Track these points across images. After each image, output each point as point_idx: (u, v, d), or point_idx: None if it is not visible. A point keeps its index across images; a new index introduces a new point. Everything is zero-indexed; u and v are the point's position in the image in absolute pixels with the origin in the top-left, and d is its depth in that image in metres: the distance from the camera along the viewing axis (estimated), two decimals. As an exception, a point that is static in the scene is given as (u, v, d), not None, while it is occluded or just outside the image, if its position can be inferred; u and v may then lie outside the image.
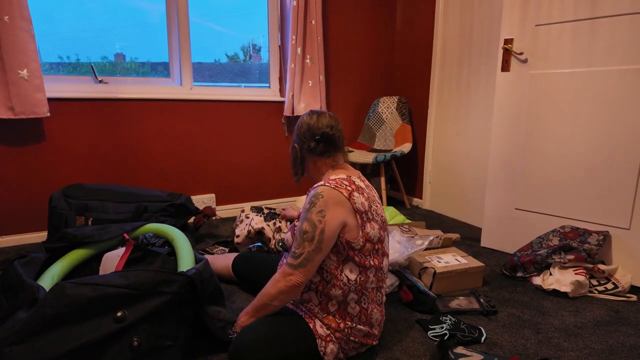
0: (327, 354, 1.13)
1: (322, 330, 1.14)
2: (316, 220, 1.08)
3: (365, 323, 1.18)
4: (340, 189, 1.12)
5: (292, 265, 1.10)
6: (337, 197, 1.11)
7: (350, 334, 1.16)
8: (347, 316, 1.16)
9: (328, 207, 1.09)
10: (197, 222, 2.25)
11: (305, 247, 1.09)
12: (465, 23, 2.64)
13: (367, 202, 1.16)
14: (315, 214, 1.09)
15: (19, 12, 1.94)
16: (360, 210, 1.14)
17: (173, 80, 2.60)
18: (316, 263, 1.10)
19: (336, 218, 1.09)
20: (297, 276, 1.09)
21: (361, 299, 1.17)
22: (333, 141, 1.25)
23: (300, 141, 1.27)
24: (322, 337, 1.13)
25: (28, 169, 2.18)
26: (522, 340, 1.37)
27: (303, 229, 1.10)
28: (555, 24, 1.88)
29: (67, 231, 1.52)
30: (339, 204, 1.10)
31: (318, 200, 1.10)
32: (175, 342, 1.13)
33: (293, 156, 1.32)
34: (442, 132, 2.92)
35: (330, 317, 1.16)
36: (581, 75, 1.84)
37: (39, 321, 0.98)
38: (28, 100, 2.02)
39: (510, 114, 2.08)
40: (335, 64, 3.08)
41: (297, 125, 1.29)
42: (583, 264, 1.74)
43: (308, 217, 1.10)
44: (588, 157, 1.86)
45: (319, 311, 1.16)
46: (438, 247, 2.06)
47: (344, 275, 1.14)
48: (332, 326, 1.15)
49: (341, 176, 1.19)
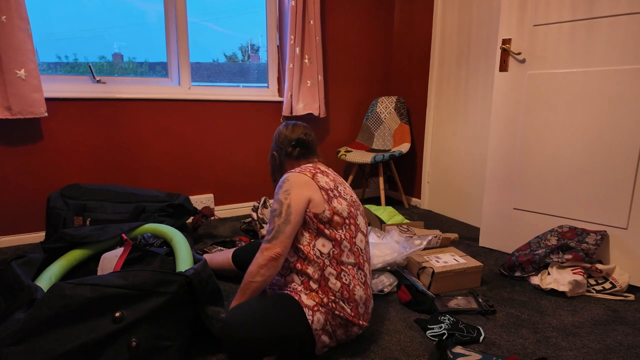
0: (314, 322, 1.17)
1: (309, 301, 1.19)
2: (282, 198, 1.22)
3: (348, 300, 1.21)
4: (304, 172, 1.28)
5: (267, 240, 1.20)
6: (302, 179, 1.26)
7: (334, 308, 1.19)
8: (330, 291, 1.20)
9: (293, 188, 1.23)
10: (196, 222, 2.25)
11: (275, 222, 1.20)
12: (464, 23, 2.65)
13: (332, 182, 1.29)
14: (282, 193, 1.23)
15: (16, 12, 1.93)
16: (325, 187, 1.26)
17: (171, 80, 2.60)
18: (288, 234, 1.19)
19: (301, 195, 1.22)
20: (272, 249, 1.18)
21: (341, 275, 1.21)
22: (307, 145, 1.43)
23: (279, 148, 1.45)
24: (309, 306, 1.18)
25: (26, 169, 2.17)
26: (521, 339, 1.37)
27: (273, 208, 1.24)
28: (553, 24, 1.89)
29: (65, 231, 1.51)
30: (304, 184, 1.24)
31: (284, 184, 1.25)
32: (174, 342, 1.13)
33: (272, 164, 1.49)
34: (440, 132, 2.92)
35: (314, 293, 1.21)
36: (579, 76, 1.85)
37: (37, 322, 0.98)
38: (25, 100, 2.02)
39: (508, 114, 2.09)
40: (334, 64, 3.08)
41: (275, 136, 1.47)
42: (581, 263, 1.74)
43: (276, 198, 1.24)
44: (586, 157, 1.87)
45: (302, 289, 1.22)
46: (436, 247, 2.07)
47: (317, 249, 1.22)
48: (316, 301, 1.19)
49: (307, 165, 1.35)
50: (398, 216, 2.44)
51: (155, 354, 1.09)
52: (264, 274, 1.19)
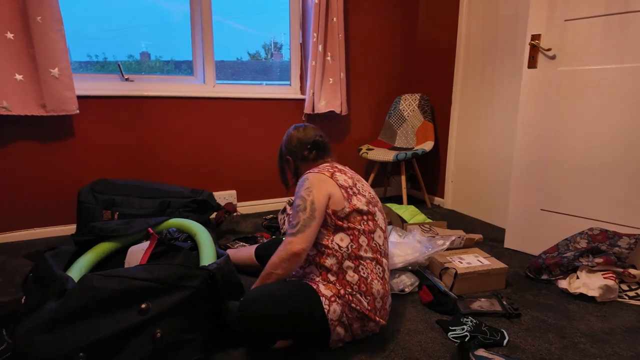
0: (330, 312, 1.17)
1: (327, 291, 1.20)
2: (305, 195, 1.24)
3: (365, 293, 1.21)
4: (322, 171, 1.30)
5: (291, 234, 1.21)
6: (321, 177, 1.28)
7: (351, 300, 1.19)
8: (347, 284, 1.21)
9: (314, 186, 1.25)
10: (219, 218, 2.28)
11: (300, 216, 1.21)
12: (489, 19, 2.58)
13: (350, 180, 1.31)
14: (304, 190, 1.25)
15: (50, 13, 2.01)
16: (344, 185, 1.28)
17: (196, 78, 2.65)
18: (312, 230, 1.21)
19: (322, 192, 1.24)
20: (296, 243, 1.19)
21: (359, 268, 1.22)
22: (324, 146, 1.46)
23: (293, 152, 1.47)
24: (326, 296, 1.19)
25: (58, 164, 2.26)
26: (546, 344, 1.33)
27: (296, 204, 1.25)
28: (585, 18, 1.82)
29: (95, 225, 1.57)
30: (323, 182, 1.27)
31: (304, 182, 1.28)
32: (196, 335, 1.16)
33: (284, 167, 1.52)
34: (465, 130, 2.87)
35: (331, 285, 1.22)
36: (612, 72, 1.77)
37: (67, 312, 1.02)
38: (59, 98, 2.10)
39: (537, 112, 2.02)
40: (356, 61, 3.06)
41: (286, 140, 1.48)
42: (612, 267, 1.68)
43: (299, 195, 1.26)
44: (618, 157, 1.79)
45: (320, 280, 1.23)
46: (460, 248, 2.03)
47: (335, 243, 1.23)
48: (334, 292, 1.20)
49: (325, 165, 1.37)
50: (420, 215, 2.40)
51: (177, 346, 1.11)
52: (285, 268, 1.21)
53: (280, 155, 1.53)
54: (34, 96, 2.07)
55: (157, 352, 1.07)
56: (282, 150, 1.51)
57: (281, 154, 1.52)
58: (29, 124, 2.15)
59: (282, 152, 1.51)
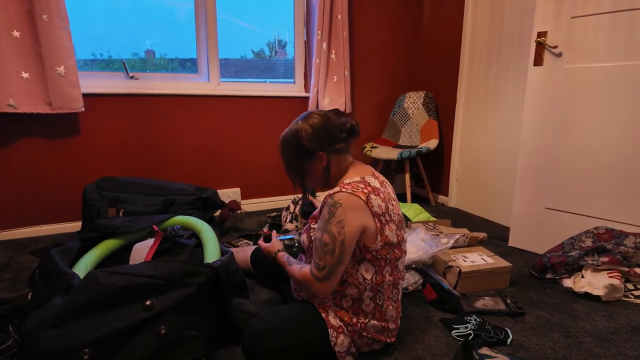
0: (337, 345, 1.14)
1: (335, 321, 1.15)
2: (335, 232, 1.07)
3: (379, 319, 1.18)
4: (357, 193, 1.09)
5: (318, 278, 1.10)
6: (355, 203, 1.08)
7: (362, 329, 1.16)
8: (361, 313, 1.16)
9: (347, 215, 1.07)
10: (223, 216, 2.29)
11: (327, 259, 1.08)
12: (495, 17, 2.56)
13: (383, 204, 1.13)
14: (335, 225, 1.07)
15: (56, 11, 2.01)
16: (378, 213, 1.11)
17: (201, 76, 2.65)
18: (339, 275, 1.11)
19: (355, 225, 1.08)
20: (321, 290, 1.11)
21: (376, 296, 1.17)
22: (355, 131, 1.22)
23: (325, 146, 1.18)
24: (334, 327, 1.14)
25: (64, 161, 2.28)
26: (551, 343, 1.33)
27: (324, 241, 1.08)
28: (592, 15, 1.80)
29: (100, 222, 1.58)
30: (357, 209, 1.08)
31: (337, 210, 1.08)
32: (200, 332, 1.16)
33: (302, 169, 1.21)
34: (469, 128, 2.85)
35: (343, 311, 1.16)
36: (620, 70, 1.76)
37: (73, 308, 1.03)
38: (65, 95, 2.11)
39: (542, 110, 2.01)
40: (361, 59, 3.05)
41: (308, 133, 1.17)
42: (618, 266, 1.66)
43: (328, 229, 1.08)
44: (625, 155, 1.78)
45: (332, 305, 1.17)
46: (464, 246, 2.02)
47: (360, 274, 1.14)
48: (345, 320, 1.16)
49: (355, 179, 1.15)
50: (424, 214, 2.40)
51: (181, 343, 1.12)
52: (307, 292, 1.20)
53: (298, 152, 1.19)
54: (40, 94, 2.09)
55: (161, 348, 1.08)
56: (304, 146, 1.17)
57: (301, 151, 1.18)
58: (35, 121, 2.17)
59: (305, 148, 1.17)
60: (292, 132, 1.19)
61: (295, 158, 1.20)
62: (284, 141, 1.21)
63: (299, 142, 1.18)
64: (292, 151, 1.20)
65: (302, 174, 1.23)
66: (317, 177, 1.22)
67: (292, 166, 1.22)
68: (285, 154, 1.22)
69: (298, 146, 1.18)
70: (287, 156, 1.22)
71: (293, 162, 1.21)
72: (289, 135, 1.20)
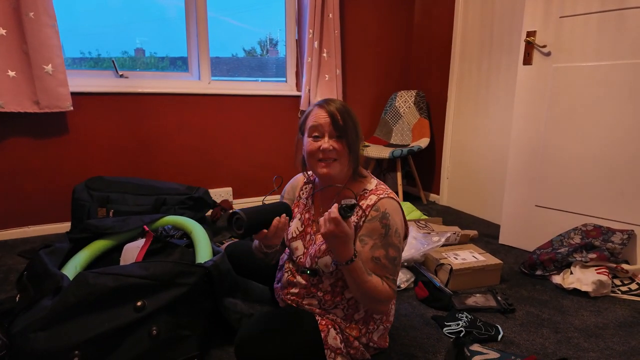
0: None
1: (334, 342, 1.10)
2: (398, 243, 1.06)
3: (384, 321, 1.19)
4: (391, 196, 1.09)
5: (395, 292, 1.08)
6: (395, 207, 1.08)
7: (369, 339, 1.15)
8: (371, 321, 1.16)
9: (396, 222, 1.06)
10: (215, 215, 2.28)
11: (398, 271, 1.08)
12: (486, 15, 2.58)
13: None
14: (394, 237, 1.05)
15: (43, 9, 1.98)
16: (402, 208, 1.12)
17: (191, 74, 2.63)
18: None
19: (403, 228, 1.10)
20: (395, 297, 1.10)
21: None
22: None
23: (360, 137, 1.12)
24: (332, 348, 1.09)
25: (52, 161, 2.24)
26: (540, 339, 1.35)
27: (392, 256, 1.05)
28: (581, 15, 1.82)
29: (90, 222, 1.56)
30: (398, 212, 1.08)
31: (389, 221, 1.05)
32: (193, 332, 1.16)
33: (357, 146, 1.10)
34: (460, 127, 2.87)
35: (353, 324, 1.14)
36: (607, 69, 1.78)
37: (63, 309, 1.01)
38: (52, 94, 2.08)
39: (532, 109, 2.03)
40: (352, 58, 3.06)
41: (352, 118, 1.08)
42: (606, 263, 1.69)
43: (391, 243, 1.05)
44: (613, 153, 1.81)
45: (341, 322, 1.14)
46: (455, 244, 2.04)
47: None
48: (353, 334, 1.13)
49: (373, 181, 1.14)
50: (416, 212, 2.41)
51: (174, 342, 1.11)
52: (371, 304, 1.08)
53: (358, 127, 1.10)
54: (27, 93, 2.05)
55: (153, 349, 1.07)
56: (358, 131, 1.09)
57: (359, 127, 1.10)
58: (23, 121, 2.13)
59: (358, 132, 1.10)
60: (346, 105, 1.09)
61: (357, 130, 1.09)
62: (346, 110, 1.07)
63: (355, 115, 1.09)
64: (356, 122, 1.09)
65: (357, 151, 1.10)
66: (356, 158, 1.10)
67: (354, 138, 1.08)
68: (347, 122, 1.06)
69: (356, 119, 1.09)
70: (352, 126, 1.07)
71: (356, 133, 1.08)
72: (347, 106, 1.09)
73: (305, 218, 1.20)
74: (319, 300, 1.15)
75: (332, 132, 1.06)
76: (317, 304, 1.15)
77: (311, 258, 1.12)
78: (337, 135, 1.06)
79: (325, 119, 1.06)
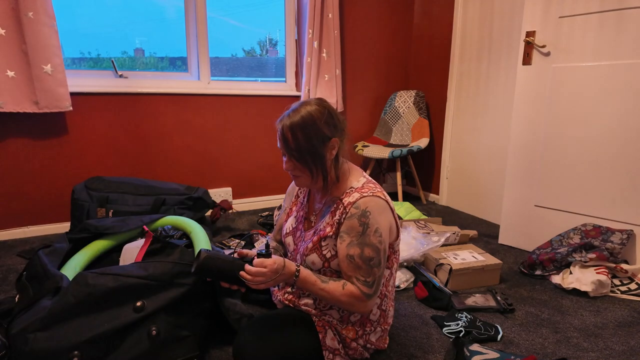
0: None
1: (332, 342, 1.10)
2: (377, 243, 1.01)
3: (382, 323, 1.18)
4: (377, 194, 1.03)
5: (369, 295, 1.02)
6: (381, 205, 1.03)
7: (367, 340, 1.15)
8: (368, 322, 1.15)
9: (378, 221, 1.01)
10: (214, 215, 2.28)
11: (375, 273, 1.02)
12: (485, 15, 2.58)
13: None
14: (373, 236, 1.01)
15: (42, 9, 1.98)
16: (393, 207, 1.09)
17: (191, 74, 2.63)
18: (381, 283, 1.09)
19: (387, 229, 1.04)
20: (371, 304, 1.05)
21: (382, 302, 1.16)
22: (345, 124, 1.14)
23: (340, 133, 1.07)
24: (330, 349, 1.10)
25: (51, 161, 2.24)
26: (540, 339, 1.35)
27: (367, 256, 1.00)
28: (580, 15, 1.83)
29: (89, 222, 1.56)
30: (383, 211, 1.03)
31: (368, 220, 1.00)
32: (192, 332, 1.16)
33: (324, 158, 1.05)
34: (460, 127, 2.88)
35: (350, 326, 1.13)
36: (606, 69, 1.78)
37: (62, 309, 1.01)
38: (52, 94, 2.08)
39: (531, 109, 2.03)
40: (352, 58, 3.06)
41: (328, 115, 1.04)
42: (605, 263, 1.69)
43: (368, 242, 1.00)
44: (612, 154, 1.81)
45: (337, 323, 1.13)
46: (455, 244, 2.04)
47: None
48: (350, 336, 1.13)
49: (361, 179, 1.09)
50: (415, 212, 2.42)
51: (174, 343, 1.11)
52: (342, 308, 1.07)
53: (318, 139, 1.03)
54: (27, 93, 2.05)
55: (153, 349, 1.07)
56: (322, 132, 1.02)
57: (321, 137, 1.03)
58: (22, 121, 2.13)
59: (323, 134, 1.03)
60: (303, 115, 1.03)
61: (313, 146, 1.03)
62: (301, 125, 1.02)
63: (316, 124, 1.02)
64: (310, 136, 1.02)
65: (323, 163, 1.04)
66: (317, 167, 1.05)
67: (308, 157, 1.03)
68: (297, 141, 1.02)
69: (317, 130, 1.02)
70: (303, 143, 1.02)
71: (310, 151, 1.02)
72: (299, 119, 1.02)
73: (299, 215, 1.22)
74: (314, 300, 1.15)
75: (284, 152, 1.06)
76: (313, 304, 1.15)
77: (300, 256, 1.14)
78: (288, 155, 1.05)
79: (279, 137, 1.06)
